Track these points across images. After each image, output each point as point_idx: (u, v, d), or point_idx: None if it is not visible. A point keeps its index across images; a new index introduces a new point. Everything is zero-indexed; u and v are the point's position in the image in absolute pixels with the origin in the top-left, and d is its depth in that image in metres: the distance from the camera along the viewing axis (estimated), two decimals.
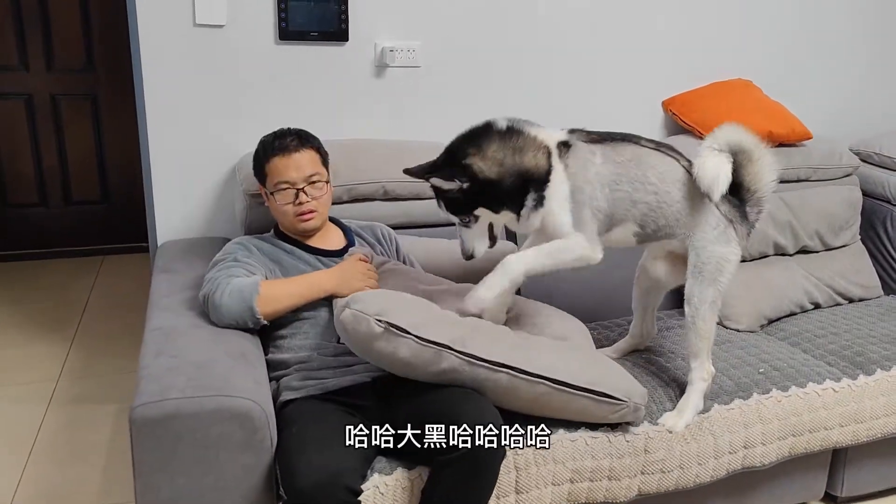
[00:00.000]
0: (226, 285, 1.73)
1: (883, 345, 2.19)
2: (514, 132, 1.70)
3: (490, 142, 1.68)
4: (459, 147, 1.70)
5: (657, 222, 1.79)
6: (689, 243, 1.83)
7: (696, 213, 1.80)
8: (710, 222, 1.81)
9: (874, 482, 2.16)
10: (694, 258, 1.82)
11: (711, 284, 1.81)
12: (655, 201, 1.77)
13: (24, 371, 2.80)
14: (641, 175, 1.76)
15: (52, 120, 3.90)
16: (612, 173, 1.74)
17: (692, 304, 1.82)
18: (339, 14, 2.31)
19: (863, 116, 3.05)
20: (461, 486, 1.52)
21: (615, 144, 1.78)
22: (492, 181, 1.66)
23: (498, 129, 1.70)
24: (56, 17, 3.77)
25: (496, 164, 1.66)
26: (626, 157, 1.76)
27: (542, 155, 1.69)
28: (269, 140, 1.90)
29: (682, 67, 2.74)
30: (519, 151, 1.68)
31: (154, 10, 2.15)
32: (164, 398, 1.46)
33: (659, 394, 1.89)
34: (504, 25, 2.50)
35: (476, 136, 1.70)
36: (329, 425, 1.58)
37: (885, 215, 2.75)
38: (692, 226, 1.81)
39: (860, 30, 2.96)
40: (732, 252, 1.83)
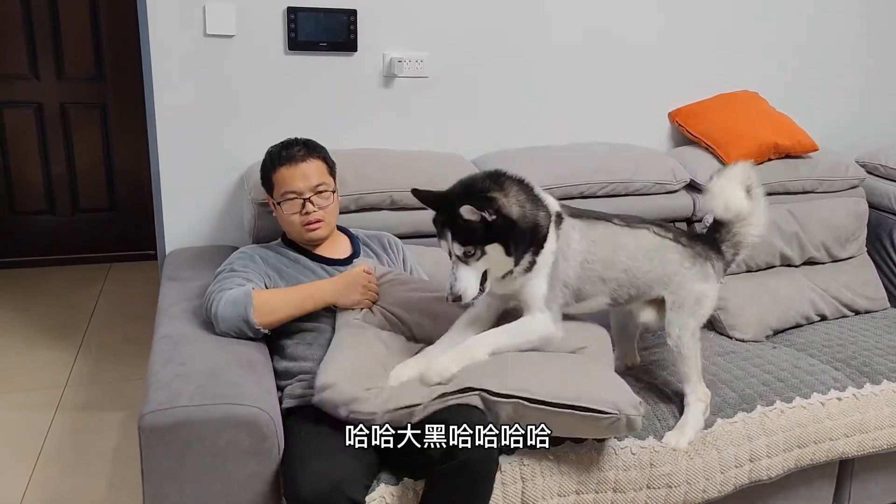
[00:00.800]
0: (220, 297, 1.73)
1: (889, 356, 2.18)
2: (526, 185, 1.67)
3: (510, 184, 1.64)
4: (477, 183, 1.64)
5: (629, 293, 1.81)
6: (665, 291, 1.84)
7: (672, 266, 1.82)
8: (685, 265, 1.83)
9: (881, 495, 2.15)
10: (672, 297, 1.84)
11: (691, 316, 1.83)
12: (626, 278, 1.79)
13: (31, 377, 2.82)
14: (612, 255, 1.76)
15: (61, 128, 3.93)
16: (586, 251, 1.74)
17: (673, 336, 1.83)
18: (348, 25, 2.33)
19: (869, 128, 3.06)
20: (456, 499, 1.51)
21: (590, 222, 1.77)
22: (514, 221, 1.60)
23: (512, 177, 1.66)
24: (66, 27, 3.80)
25: (518, 205, 1.62)
26: (598, 238, 1.76)
27: (547, 217, 1.67)
28: (276, 150, 1.90)
29: (688, 79, 2.76)
30: (534, 203, 1.65)
31: (165, 21, 2.18)
32: (174, 406, 1.47)
33: (662, 409, 1.88)
34: (511, 37, 2.52)
35: (493, 178, 1.65)
36: (331, 434, 1.58)
37: (891, 227, 2.75)
38: (669, 278, 1.83)
39: (866, 42, 2.98)
40: (711, 288, 1.85)
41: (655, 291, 1.84)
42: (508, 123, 2.59)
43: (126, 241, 4.12)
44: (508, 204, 1.61)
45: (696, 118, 2.73)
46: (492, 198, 1.59)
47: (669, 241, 1.83)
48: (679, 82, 2.75)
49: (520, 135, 2.59)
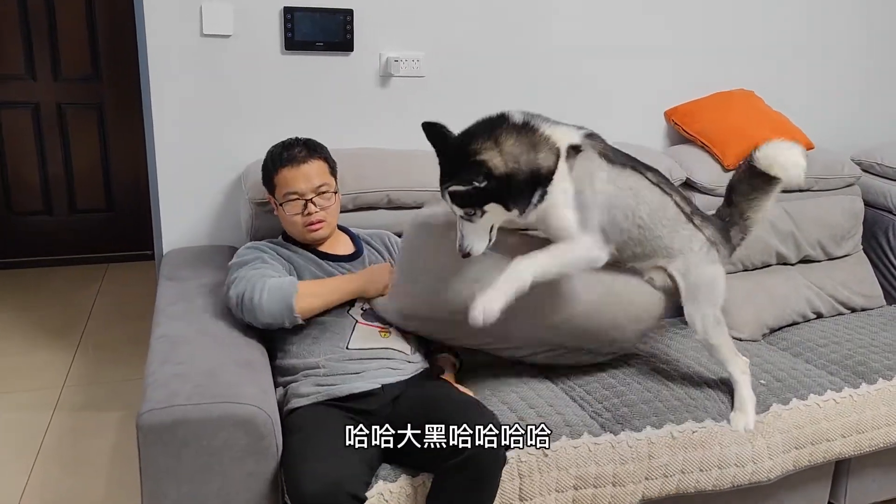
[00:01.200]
0: (262, 285, 1.74)
1: (885, 354, 2.19)
2: (529, 128, 1.65)
3: (507, 136, 1.61)
4: (476, 136, 1.63)
5: (633, 250, 1.83)
6: (672, 270, 1.85)
7: (680, 242, 1.83)
8: (694, 247, 1.84)
9: (877, 492, 2.16)
10: (684, 283, 1.85)
11: (708, 303, 1.85)
12: (637, 234, 1.80)
13: (29, 378, 2.82)
14: (635, 206, 1.77)
15: (58, 129, 3.93)
16: (611, 195, 1.74)
17: (698, 327, 1.86)
18: (345, 25, 2.33)
19: (864, 127, 3.07)
20: (464, 491, 1.52)
21: (621, 170, 1.77)
22: (508, 177, 1.59)
23: (514, 123, 1.65)
24: (63, 27, 3.80)
25: (513, 160, 1.59)
26: (626, 186, 1.76)
27: (553, 155, 1.65)
28: (278, 151, 1.90)
29: (684, 78, 2.76)
30: (534, 148, 1.62)
31: (162, 21, 2.18)
32: (171, 405, 1.47)
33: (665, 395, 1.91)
34: (507, 36, 2.52)
35: (493, 128, 1.63)
36: (334, 433, 1.59)
37: (886, 225, 2.76)
38: (672, 254, 1.84)
39: (862, 41, 2.98)
40: (718, 271, 1.87)
41: (655, 261, 1.85)
42: None
43: (123, 241, 4.12)
44: (500, 164, 1.58)
45: (693, 117, 2.73)
46: (480, 162, 1.57)
47: (684, 217, 1.84)
48: (675, 81, 2.76)
49: None
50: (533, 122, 1.68)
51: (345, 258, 1.95)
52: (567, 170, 1.67)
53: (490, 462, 1.53)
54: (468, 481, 1.51)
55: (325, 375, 1.74)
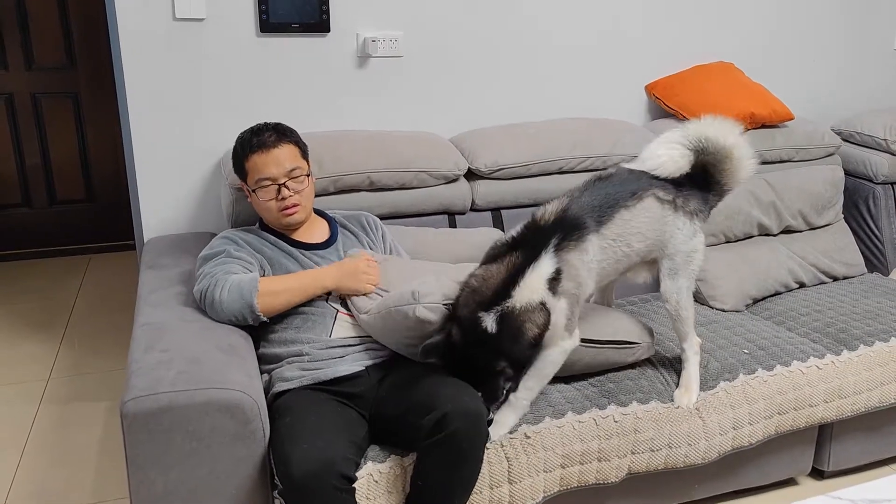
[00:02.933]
0: (224, 282, 1.73)
1: (866, 321, 2.22)
2: (506, 316, 1.62)
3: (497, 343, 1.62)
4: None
5: (634, 262, 1.86)
6: (660, 254, 1.87)
7: (668, 229, 1.84)
8: (679, 227, 1.85)
9: (859, 455, 2.20)
10: (669, 263, 1.87)
11: (685, 276, 1.87)
12: (636, 257, 1.83)
13: (13, 371, 2.79)
14: (626, 248, 1.79)
15: (33, 119, 3.87)
16: (601, 259, 1.75)
17: (672, 302, 1.87)
18: (320, 5, 2.30)
19: (843, 97, 3.08)
20: (445, 471, 1.53)
21: (603, 228, 1.74)
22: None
23: (485, 328, 1.62)
24: (35, 16, 3.73)
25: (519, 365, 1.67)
26: (613, 238, 1.76)
27: (543, 316, 1.65)
28: (247, 137, 1.88)
29: (664, 52, 2.76)
30: (518, 335, 1.63)
31: (133, 5, 2.15)
32: (156, 392, 1.46)
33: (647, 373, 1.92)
34: (486, 14, 2.50)
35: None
36: (322, 415, 1.60)
37: (867, 194, 2.78)
38: (664, 242, 1.85)
39: (840, 11, 2.98)
40: (698, 242, 1.89)
41: (652, 256, 1.87)
42: (485, 101, 2.58)
43: (104, 232, 4.09)
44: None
45: (673, 90, 2.73)
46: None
47: (668, 206, 1.84)
48: (655, 55, 2.75)
49: (497, 112, 2.59)
50: (504, 308, 1.62)
51: (318, 246, 1.94)
52: (552, 297, 1.65)
53: (471, 439, 1.53)
54: (449, 458, 1.52)
55: (309, 361, 1.74)
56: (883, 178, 2.77)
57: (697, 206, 1.87)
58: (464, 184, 2.34)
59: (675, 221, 1.84)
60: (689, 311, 1.88)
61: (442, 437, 1.49)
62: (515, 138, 2.43)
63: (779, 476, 2.12)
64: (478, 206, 2.37)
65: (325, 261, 1.89)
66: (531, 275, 1.64)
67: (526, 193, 2.40)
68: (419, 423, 1.51)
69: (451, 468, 1.53)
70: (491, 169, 2.34)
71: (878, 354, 2.09)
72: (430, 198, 2.29)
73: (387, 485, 1.60)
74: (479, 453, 1.57)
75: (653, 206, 1.81)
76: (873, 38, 3.07)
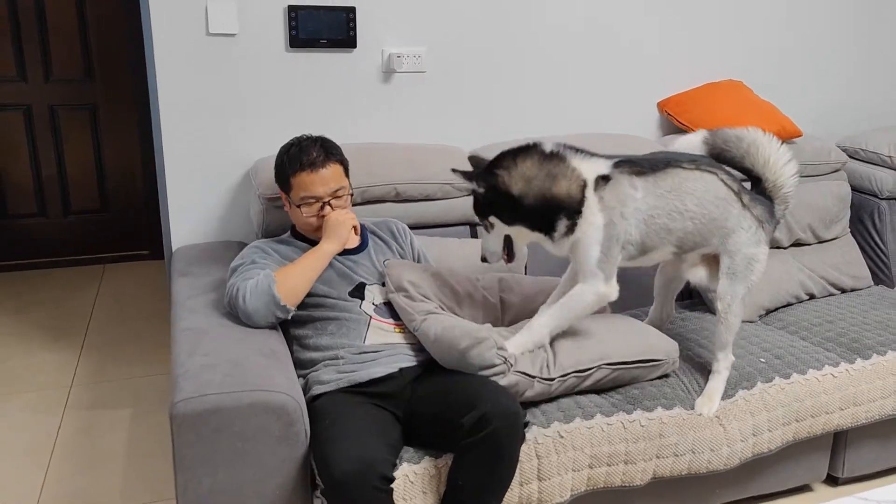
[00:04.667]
0: (244, 288, 1.78)
1: (877, 331, 2.28)
2: (555, 157, 1.74)
3: (526, 159, 1.73)
4: (503, 156, 1.76)
5: (694, 240, 1.88)
6: (722, 248, 1.91)
7: (732, 220, 1.88)
8: (744, 226, 1.89)
9: (873, 463, 2.25)
10: (728, 261, 1.91)
11: (743, 282, 1.91)
12: (692, 226, 1.85)
13: (35, 379, 2.83)
14: (680, 205, 1.82)
15: (50, 130, 3.92)
16: (651, 206, 1.79)
17: (725, 301, 1.92)
18: (348, 22, 2.37)
19: (849, 115, 3.17)
20: (484, 469, 1.58)
21: (657, 176, 1.81)
22: (511, 196, 1.72)
23: (540, 151, 1.75)
24: (54, 28, 3.79)
25: (523, 181, 1.71)
26: (667, 189, 1.81)
27: (577, 186, 1.73)
28: (295, 153, 1.91)
29: (676, 69, 2.84)
30: (552, 178, 1.72)
31: (168, 20, 2.21)
32: (204, 394, 1.51)
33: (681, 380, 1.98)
34: (506, 31, 2.58)
35: (519, 152, 1.75)
36: (359, 417, 1.65)
37: (872, 209, 2.86)
38: (727, 233, 1.89)
39: (847, 32, 3.07)
40: (762, 252, 1.93)
41: (714, 241, 1.90)
42: (505, 115, 2.65)
43: (119, 241, 4.13)
44: (509, 181, 1.72)
45: (685, 107, 2.81)
46: (494, 173, 1.72)
47: (733, 195, 1.88)
48: (667, 73, 2.83)
49: (516, 126, 2.65)
50: (562, 152, 1.76)
51: (351, 251, 1.99)
52: (597, 201, 1.75)
53: (509, 438, 1.59)
54: (488, 457, 1.57)
55: (344, 364, 1.79)
56: (888, 194, 2.84)
57: (763, 214, 1.92)
58: None
59: (740, 218, 1.88)
60: (737, 320, 1.93)
61: (481, 436, 1.54)
62: None
63: (795, 482, 2.17)
64: None
65: (358, 265, 1.95)
66: (586, 159, 1.77)
67: None
68: (458, 422, 1.56)
69: (489, 467, 1.58)
70: None
71: (891, 363, 2.15)
72: (453, 209, 2.36)
73: (422, 485, 1.64)
74: (516, 453, 1.63)
75: (716, 183, 1.86)
76: (878, 58, 3.17)
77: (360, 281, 1.92)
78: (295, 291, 1.80)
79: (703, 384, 1.97)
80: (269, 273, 1.80)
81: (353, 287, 1.91)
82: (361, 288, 1.91)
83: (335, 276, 1.91)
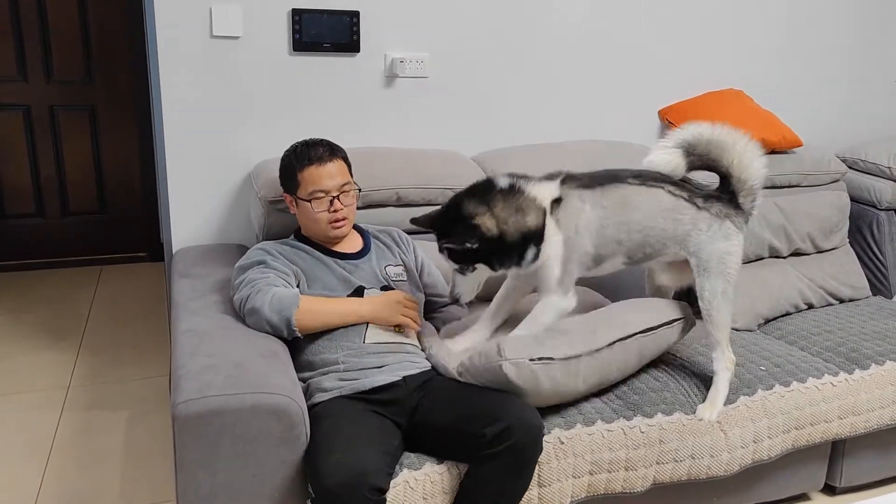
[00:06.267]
0: (266, 293, 1.77)
1: (875, 341, 2.29)
2: (515, 191, 1.78)
3: (495, 200, 1.76)
4: (465, 204, 1.77)
5: (645, 251, 1.91)
6: (685, 252, 1.93)
7: (684, 226, 1.91)
8: (700, 227, 1.91)
9: (870, 472, 2.26)
10: (695, 261, 1.93)
11: (719, 276, 1.92)
12: (641, 238, 1.89)
13: (33, 379, 2.82)
14: (627, 218, 1.86)
15: (50, 131, 3.91)
16: (600, 218, 1.84)
17: (704, 299, 1.93)
18: (351, 26, 2.38)
19: (848, 125, 3.19)
20: (502, 481, 1.59)
21: (603, 189, 1.86)
22: (497, 239, 1.75)
23: (501, 188, 1.79)
24: (55, 29, 3.79)
25: (502, 222, 1.75)
26: (613, 202, 1.85)
27: (540, 213, 1.78)
28: (302, 150, 1.93)
29: (677, 78, 2.85)
30: (521, 211, 1.76)
31: (172, 23, 2.21)
32: (206, 395, 1.50)
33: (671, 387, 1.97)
34: (508, 39, 2.59)
35: (481, 194, 1.78)
36: (356, 425, 1.63)
37: (871, 219, 2.87)
38: (682, 238, 1.92)
39: (847, 43, 3.10)
40: (734, 245, 1.94)
41: (671, 250, 1.93)
42: (506, 122, 2.66)
43: (116, 243, 4.12)
44: (492, 227, 1.74)
45: (685, 115, 2.81)
46: (475, 225, 1.73)
47: (684, 202, 1.91)
48: (668, 82, 2.85)
49: (517, 132, 2.66)
50: (518, 184, 1.81)
51: (353, 256, 1.99)
52: (554, 223, 1.81)
53: (530, 451, 1.61)
54: (509, 469, 1.59)
55: (345, 371, 1.78)
56: (886, 205, 2.86)
57: (724, 209, 1.94)
58: None
59: (695, 220, 1.90)
60: (722, 315, 1.93)
61: (503, 448, 1.55)
62: (536, 158, 2.50)
63: (792, 491, 2.17)
64: None
65: (359, 270, 1.95)
66: (538, 185, 1.81)
67: None
68: (479, 433, 1.57)
69: (507, 479, 1.59)
70: None
71: (890, 374, 2.16)
72: None
73: (423, 491, 1.64)
74: (534, 465, 1.65)
75: (662, 196, 1.89)
76: (877, 71, 3.19)
77: (359, 285, 1.92)
78: (312, 326, 1.79)
79: (703, 389, 1.97)
80: (296, 294, 1.79)
81: (352, 291, 1.91)
82: (360, 291, 1.91)
83: (336, 281, 1.91)
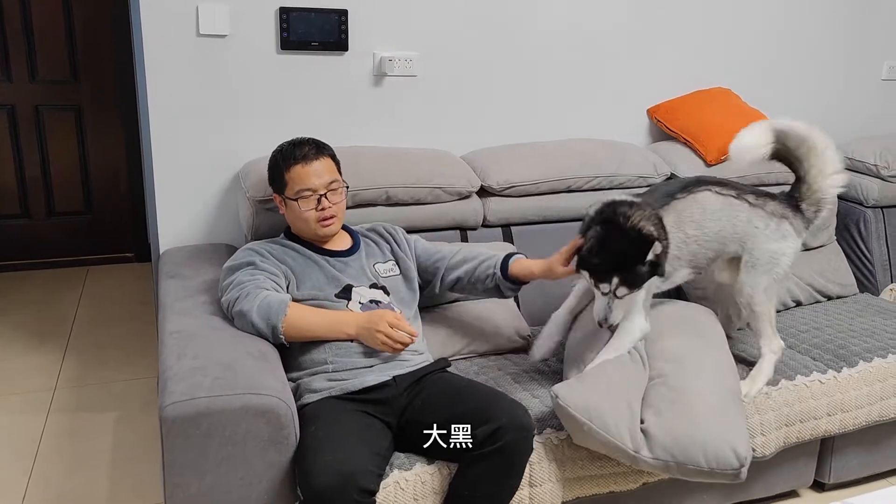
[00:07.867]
0: (255, 296, 1.75)
1: (863, 338, 2.30)
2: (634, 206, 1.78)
3: (635, 212, 1.74)
4: (641, 225, 1.72)
5: (708, 256, 1.94)
6: (741, 249, 1.95)
7: (742, 223, 1.92)
8: (757, 225, 1.92)
9: (859, 469, 2.27)
10: (747, 256, 1.96)
11: (765, 274, 1.95)
12: (698, 248, 1.91)
13: (19, 381, 2.79)
14: (683, 235, 1.87)
15: (35, 131, 3.87)
16: (680, 241, 1.85)
17: (745, 295, 1.96)
18: (339, 25, 2.36)
19: (836, 124, 3.18)
20: (492, 481, 1.59)
21: (684, 204, 1.88)
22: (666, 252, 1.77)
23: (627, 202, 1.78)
24: (40, 30, 3.75)
25: (658, 227, 1.75)
26: (693, 217, 1.88)
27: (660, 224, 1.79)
28: (289, 149, 1.92)
29: (666, 77, 2.86)
30: (662, 226, 1.77)
31: (159, 21, 2.19)
32: (194, 397, 1.49)
33: None
34: (497, 38, 2.58)
35: (618, 214, 1.74)
36: (346, 426, 1.63)
37: (858, 217, 2.89)
38: (742, 237, 1.94)
39: (835, 41, 3.11)
40: (789, 246, 1.96)
41: (731, 248, 1.94)
42: (495, 121, 2.65)
43: (103, 244, 4.08)
44: (654, 231, 1.72)
45: (674, 114, 2.82)
46: (646, 236, 1.70)
47: (733, 199, 1.92)
48: (657, 80, 2.85)
49: (506, 131, 2.66)
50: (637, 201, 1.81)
51: (342, 253, 1.98)
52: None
53: (521, 452, 1.62)
54: (499, 469, 1.59)
55: (334, 371, 1.77)
56: (873, 202, 2.87)
57: (779, 208, 1.95)
58: (476, 200, 2.40)
59: (751, 217, 1.92)
60: (764, 309, 1.96)
61: (494, 448, 1.55)
62: (526, 157, 2.50)
63: (782, 488, 2.18)
64: (489, 221, 2.43)
65: (349, 267, 1.94)
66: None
67: (535, 210, 2.47)
68: (470, 434, 1.57)
69: (498, 479, 1.59)
70: (502, 186, 2.41)
71: (878, 371, 2.17)
72: (443, 213, 2.35)
73: (413, 492, 1.63)
74: (525, 465, 1.65)
75: (710, 198, 1.91)
76: (864, 70, 3.20)
77: (348, 283, 1.91)
78: (297, 334, 1.77)
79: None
80: (286, 301, 1.76)
81: (341, 289, 1.90)
82: (348, 290, 1.90)
83: (324, 279, 1.90)
